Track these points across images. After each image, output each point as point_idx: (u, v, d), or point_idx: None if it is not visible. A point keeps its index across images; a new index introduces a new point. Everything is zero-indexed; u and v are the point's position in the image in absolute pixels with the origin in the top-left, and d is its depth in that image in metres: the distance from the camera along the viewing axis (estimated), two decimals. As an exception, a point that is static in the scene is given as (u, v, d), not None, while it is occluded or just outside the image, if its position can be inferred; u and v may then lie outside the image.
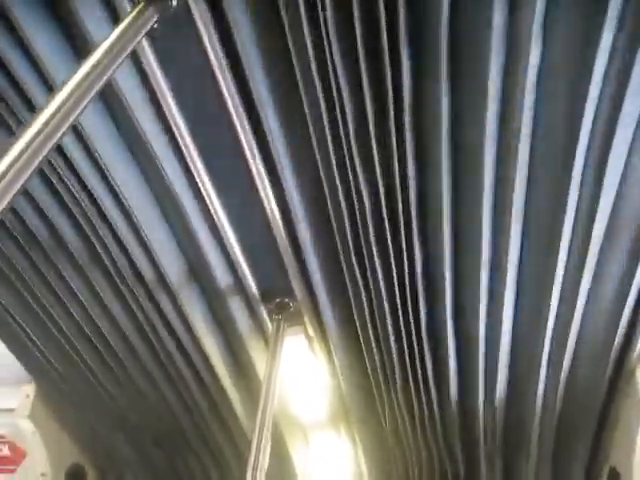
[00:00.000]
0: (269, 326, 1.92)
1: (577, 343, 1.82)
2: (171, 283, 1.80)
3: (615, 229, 1.49)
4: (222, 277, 1.78)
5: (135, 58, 1.24)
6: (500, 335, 1.82)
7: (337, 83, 1.23)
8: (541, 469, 2.33)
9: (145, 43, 1.21)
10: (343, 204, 1.51)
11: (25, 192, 1.59)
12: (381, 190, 1.46)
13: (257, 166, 1.45)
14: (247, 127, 1.35)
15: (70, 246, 1.75)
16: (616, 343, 1.75)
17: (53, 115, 0.77)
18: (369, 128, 1.32)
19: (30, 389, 2.43)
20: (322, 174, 1.46)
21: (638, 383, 1.80)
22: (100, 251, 1.74)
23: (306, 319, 1.89)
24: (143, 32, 1.01)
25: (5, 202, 0.68)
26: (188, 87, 1.30)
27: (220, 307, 1.89)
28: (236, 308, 1.87)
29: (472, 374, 2.00)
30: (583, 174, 1.37)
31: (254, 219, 1.61)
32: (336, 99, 1.27)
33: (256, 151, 1.41)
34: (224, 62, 1.22)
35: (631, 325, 1.70)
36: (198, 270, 1.79)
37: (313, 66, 1.21)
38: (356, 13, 1.12)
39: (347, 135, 1.33)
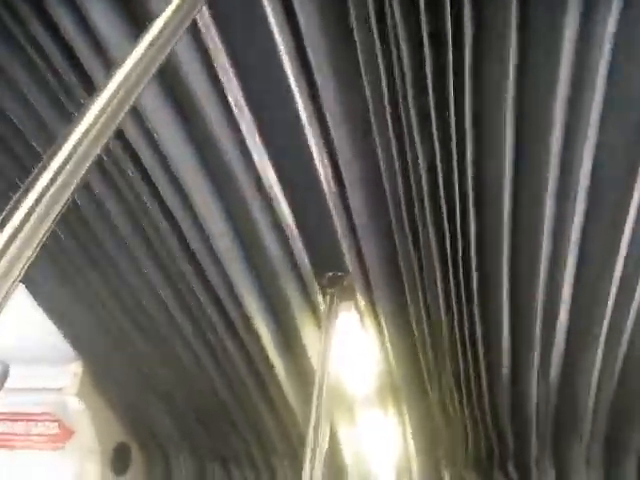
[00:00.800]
0: (320, 301, 1.89)
1: (635, 324, 1.77)
2: (220, 256, 1.76)
3: None
4: (273, 250, 1.75)
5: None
6: (559, 309, 1.77)
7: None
8: (592, 453, 2.29)
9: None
10: (398, 173, 1.46)
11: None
12: (438, 158, 1.41)
13: (314, 138, 1.40)
14: (307, 100, 1.30)
15: (114, 219, 1.72)
16: None
17: (115, 94, 0.69)
18: (428, 97, 1.26)
19: (77, 367, 2.45)
20: (378, 144, 1.40)
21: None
22: (144, 224, 1.71)
23: (358, 293, 1.85)
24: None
25: (69, 192, 0.60)
26: (247, 53, 1.25)
27: (271, 281, 1.86)
28: (287, 282, 1.84)
29: (526, 349, 1.95)
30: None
31: (308, 190, 1.56)
32: (396, 68, 1.22)
33: (314, 123, 1.36)
34: (285, 29, 1.17)
35: None
36: (249, 243, 1.75)
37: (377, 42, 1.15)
38: None
39: (406, 105, 1.28)
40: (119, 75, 0.72)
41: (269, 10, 1.13)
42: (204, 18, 1.17)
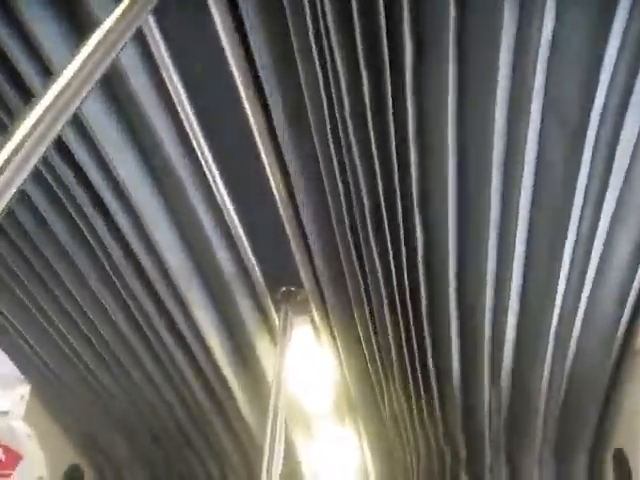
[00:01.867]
0: (274, 316, 1.89)
1: (583, 324, 1.80)
2: (171, 272, 1.73)
3: (623, 215, 1.47)
4: (226, 266, 1.73)
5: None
6: (507, 314, 1.79)
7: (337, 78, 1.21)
8: (544, 455, 2.33)
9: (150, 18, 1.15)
10: (340, 188, 1.47)
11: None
12: (380, 186, 1.43)
13: (265, 154, 1.41)
14: (258, 110, 1.30)
15: (60, 237, 1.67)
16: (622, 325, 1.74)
17: (53, 103, 0.67)
18: (367, 118, 1.29)
19: (24, 390, 2.36)
20: (322, 167, 1.42)
21: (644, 364, 1.81)
22: (92, 240, 1.66)
23: (313, 308, 1.85)
24: (151, 5, 0.96)
25: (2, 204, 0.60)
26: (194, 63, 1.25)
27: (224, 297, 1.84)
28: (241, 297, 1.83)
29: (475, 356, 1.96)
30: (593, 157, 1.35)
31: (261, 205, 1.56)
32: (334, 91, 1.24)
33: (265, 136, 1.37)
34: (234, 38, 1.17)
35: (637, 307, 1.69)
36: (200, 258, 1.74)
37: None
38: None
39: (345, 130, 1.31)
40: (58, 83, 0.71)
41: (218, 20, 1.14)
42: (149, 25, 1.16)
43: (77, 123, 1.32)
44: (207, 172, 1.46)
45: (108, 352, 2.11)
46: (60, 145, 1.37)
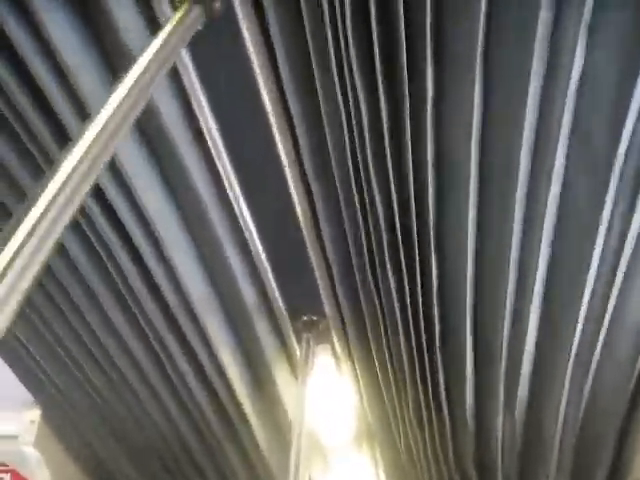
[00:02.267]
0: (294, 345, 1.84)
1: (601, 356, 1.76)
2: (190, 300, 1.68)
3: None
4: (247, 294, 1.70)
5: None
6: (523, 346, 1.74)
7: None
8: None
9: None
10: (360, 218, 1.45)
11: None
12: (396, 214, 1.41)
13: (293, 182, 1.38)
14: (287, 142, 1.28)
15: (77, 264, 1.63)
16: None
17: (91, 146, 0.63)
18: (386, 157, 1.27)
19: (35, 414, 2.31)
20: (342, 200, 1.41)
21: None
22: (110, 267, 1.62)
23: (334, 337, 1.81)
24: (188, 37, 0.93)
25: (43, 255, 0.55)
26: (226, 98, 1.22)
27: (243, 326, 1.80)
28: (261, 327, 1.78)
29: (490, 387, 1.92)
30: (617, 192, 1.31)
31: (285, 233, 1.53)
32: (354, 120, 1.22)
33: (293, 166, 1.34)
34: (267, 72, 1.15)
35: None
36: (222, 288, 1.70)
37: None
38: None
39: (365, 160, 1.29)
40: (95, 125, 0.67)
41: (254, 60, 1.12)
42: (183, 60, 1.14)
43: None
44: (233, 201, 1.42)
45: (122, 380, 2.06)
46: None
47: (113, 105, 0.70)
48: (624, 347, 1.70)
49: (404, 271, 1.56)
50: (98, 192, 1.39)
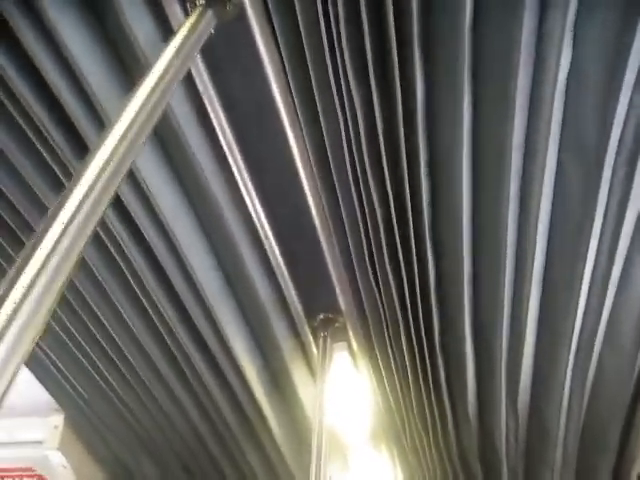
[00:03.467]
0: (311, 343, 1.84)
1: (602, 350, 1.75)
2: (206, 299, 1.70)
3: None
4: (264, 293, 1.70)
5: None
6: (524, 341, 1.74)
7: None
8: (565, 478, 2.25)
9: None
10: (361, 225, 1.49)
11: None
12: (394, 217, 1.44)
13: (307, 181, 1.39)
14: (301, 142, 1.28)
15: (97, 272, 1.66)
16: None
17: (111, 156, 0.64)
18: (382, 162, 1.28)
19: (58, 419, 2.35)
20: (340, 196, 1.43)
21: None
22: (127, 272, 1.65)
23: (351, 334, 1.81)
24: (202, 41, 0.94)
25: (68, 269, 0.55)
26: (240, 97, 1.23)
27: (260, 325, 1.81)
28: (278, 325, 1.79)
29: (492, 383, 1.91)
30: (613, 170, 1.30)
31: (300, 231, 1.53)
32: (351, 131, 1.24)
33: (306, 166, 1.35)
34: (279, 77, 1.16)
35: None
36: (238, 285, 1.71)
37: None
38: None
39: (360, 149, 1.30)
40: (114, 134, 0.68)
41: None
42: (197, 66, 1.15)
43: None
44: (248, 202, 1.43)
45: (142, 387, 2.09)
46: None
47: (131, 114, 0.70)
48: (626, 336, 1.68)
49: (403, 269, 1.58)
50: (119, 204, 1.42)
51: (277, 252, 1.57)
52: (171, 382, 2.05)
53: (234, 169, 1.35)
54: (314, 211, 1.46)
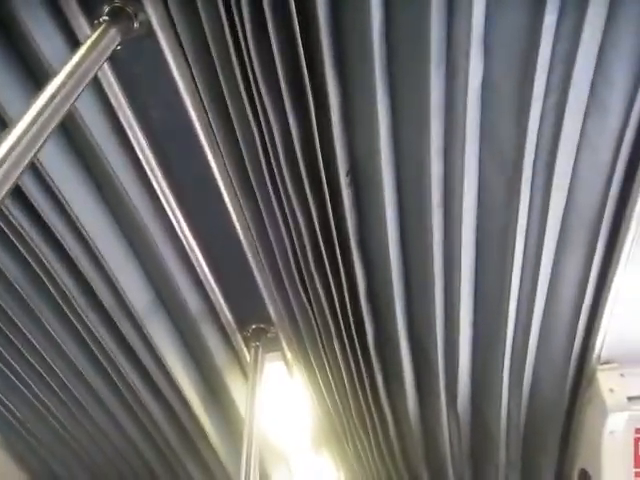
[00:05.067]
0: (245, 354, 1.86)
1: (537, 352, 1.78)
2: (136, 313, 1.68)
3: (568, 232, 1.45)
4: (193, 305, 1.70)
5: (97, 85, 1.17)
6: (459, 340, 1.75)
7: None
8: (510, 477, 2.30)
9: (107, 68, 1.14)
10: (284, 234, 1.48)
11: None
12: (316, 224, 1.44)
13: (226, 190, 1.40)
14: (216, 151, 1.29)
15: (11, 278, 1.61)
16: (575, 348, 1.71)
17: (10, 151, 0.69)
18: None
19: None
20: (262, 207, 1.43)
21: (599, 386, 1.75)
22: (46, 280, 1.60)
23: (284, 344, 1.83)
24: (106, 56, 0.95)
25: None
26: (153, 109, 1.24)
27: (193, 338, 1.81)
28: (210, 337, 1.79)
29: (431, 384, 1.94)
30: (533, 172, 1.33)
31: (226, 243, 1.54)
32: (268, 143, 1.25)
33: (224, 175, 1.36)
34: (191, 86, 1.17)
35: (588, 329, 1.67)
36: (167, 300, 1.71)
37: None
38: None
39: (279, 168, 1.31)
40: (15, 133, 0.70)
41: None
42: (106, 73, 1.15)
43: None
44: (171, 215, 1.44)
45: (72, 398, 2.06)
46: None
47: (31, 115, 0.73)
48: (558, 341, 1.72)
49: (330, 277, 1.58)
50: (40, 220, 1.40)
51: (204, 264, 1.58)
52: (105, 397, 2.03)
53: (155, 185, 1.36)
54: (238, 225, 1.47)
